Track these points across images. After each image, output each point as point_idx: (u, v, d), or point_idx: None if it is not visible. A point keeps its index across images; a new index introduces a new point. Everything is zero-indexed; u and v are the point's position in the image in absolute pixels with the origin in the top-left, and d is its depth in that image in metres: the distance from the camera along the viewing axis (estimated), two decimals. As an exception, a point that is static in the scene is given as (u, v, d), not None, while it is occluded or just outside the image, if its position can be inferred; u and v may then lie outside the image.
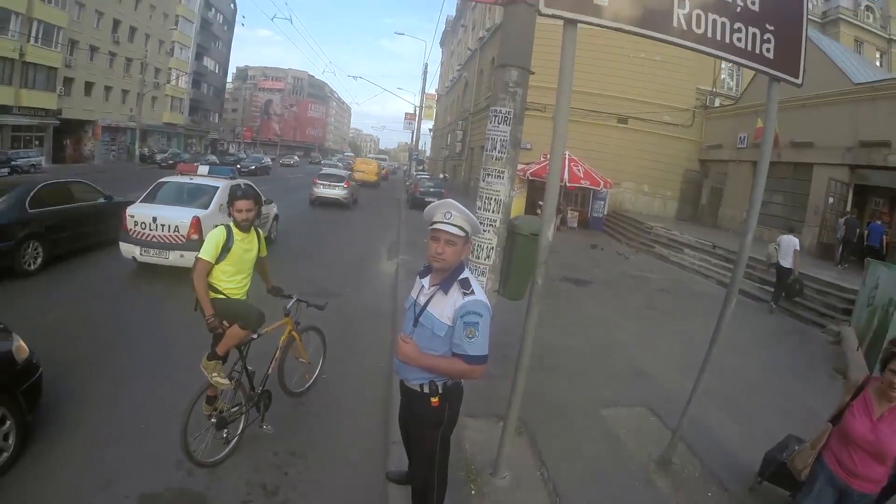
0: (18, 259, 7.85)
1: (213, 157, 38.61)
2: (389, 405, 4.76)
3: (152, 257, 8.29)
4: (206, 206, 8.77)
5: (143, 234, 8.25)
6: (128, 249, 8.36)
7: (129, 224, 8.32)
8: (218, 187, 9.22)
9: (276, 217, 12.52)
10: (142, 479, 3.64)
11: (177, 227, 8.24)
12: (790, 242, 10.24)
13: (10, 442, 3.66)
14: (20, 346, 3.89)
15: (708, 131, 23.67)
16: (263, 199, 9.73)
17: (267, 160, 44.26)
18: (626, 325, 8.41)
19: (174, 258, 8.19)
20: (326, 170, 24.75)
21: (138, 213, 8.41)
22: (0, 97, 28.99)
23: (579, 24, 3.09)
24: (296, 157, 61.65)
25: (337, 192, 20.99)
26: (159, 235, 8.25)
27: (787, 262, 10.20)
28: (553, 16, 3.00)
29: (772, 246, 10.78)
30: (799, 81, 3.62)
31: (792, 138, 16.33)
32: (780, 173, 16.82)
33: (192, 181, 9.58)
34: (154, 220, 8.27)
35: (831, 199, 15.62)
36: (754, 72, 3.83)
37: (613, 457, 4.42)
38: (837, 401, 3.03)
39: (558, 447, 4.42)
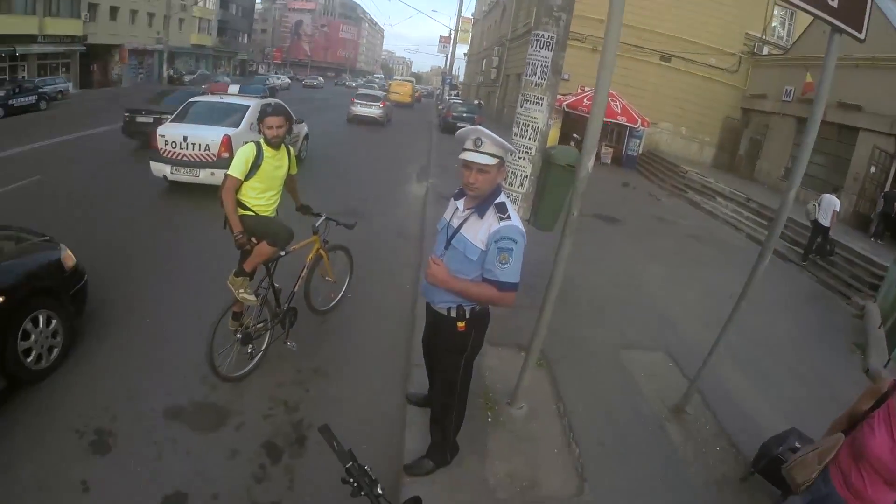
0: None
1: (227, 78, 37.67)
2: (413, 327, 4.82)
3: (183, 175, 8.37)
4: (236, 125, 8.81)
5: (174, 152, 8.31)
6: (158, 168, 8.44)
7: (160, 143, 8.36)
8: (248, 106, 9.27)
9: (306, 136, 12.64)
10: (167, 392, 3.76)
11: (207, 145, 8.29)
12: (831, 202, 10.31)
13: (56, 348, 3.91)
14: (68, 255, 4.21)
15: (753, 80, 22.41)
16: (294, 118, 9.95)
17: (281, 80, 42.46)
18: (652, 268, 8.28)
19: (205, 176, 8.27)
20: (363, 90, 26.07)
21: (169, 132, 8.42)
22: (24, 27, 28.38)
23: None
24: (319, 79, 59.65)
25: (373, 110, 22.30)
26: (190, 154, 8.31)
27: (825, 221, 10.30)
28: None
29: (812, 203, 10.75)
30: (862, 36, 3.31)
31: (840, 98, 15.39)
32: (824, 134, 15.74)
33: (222, 100, 9.63)
34: (185, 139, 8.29)
35: (873, 169, 14.83)
36: (813, 19, 3.51)
37: (629, 399, 4.42)
38: (854, 402, 2.53)
39: (576, 383, 4.43)
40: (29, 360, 3.66)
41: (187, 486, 3.01)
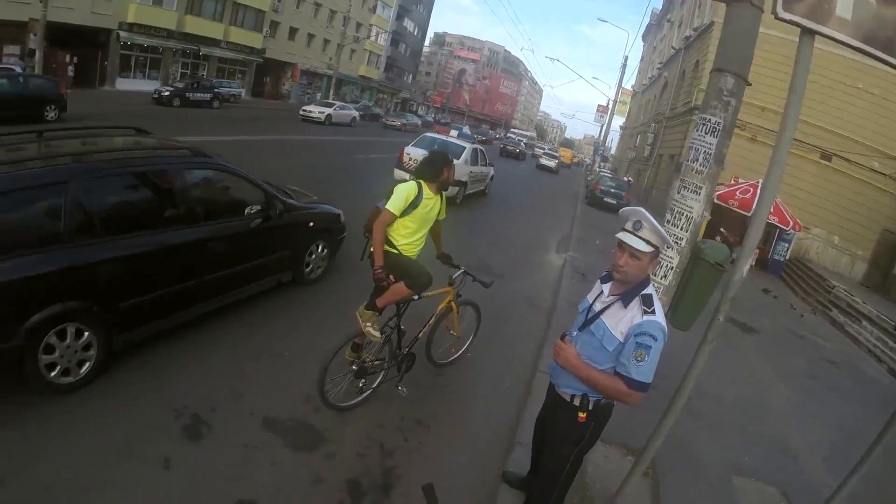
0: None
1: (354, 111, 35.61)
2: (525, 403, 4.66)
3: None
4: (457, 157, 12.20)
5: (414, 166, 10.87)
6: (400, 174, 12.19)
7: (405, 158, 12.70)
8: (465, 147, 14.16)
9: (491, 178, 16.93)
10: (270, 401, 3.89)
11: None
12: None
13: (321, 268, 6.30)
14: (341, 214, 6.56)
15: (919, 188, 19.92)
16: (488, 161, 15.70)
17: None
18: (782, 390, 7.49)
19: None
20: (542, 150, 45.25)
21: (413, 152, 12.79)
22: (211, 31, 32.57)
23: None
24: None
25: (551, 163, 38.31)
26: None
27: None
28: (790, 22, 2.61)
29: None
30: None
31: None
32: None
33: (446, 139, 14.73)
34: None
35: None
36: None
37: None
38: None
39: (680, 502, 4.06)
40: (307, 269, 6.04)
41: (261, 498, 3.06)
